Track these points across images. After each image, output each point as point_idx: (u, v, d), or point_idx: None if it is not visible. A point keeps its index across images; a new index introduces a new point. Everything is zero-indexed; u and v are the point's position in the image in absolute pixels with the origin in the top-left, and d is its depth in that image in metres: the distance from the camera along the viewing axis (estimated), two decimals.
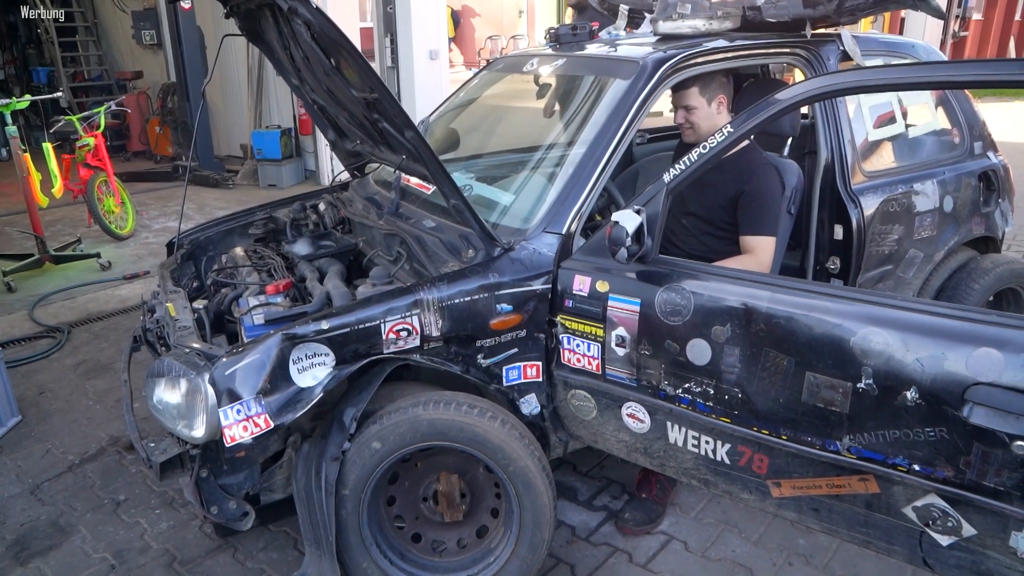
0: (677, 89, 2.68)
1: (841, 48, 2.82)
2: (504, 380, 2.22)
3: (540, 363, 2.25)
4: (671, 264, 2.05)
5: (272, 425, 1.90)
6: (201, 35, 8.59)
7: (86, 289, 5.17)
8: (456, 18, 17.75)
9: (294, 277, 2.58)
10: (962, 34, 15.25)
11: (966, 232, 3.13)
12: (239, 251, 2.94)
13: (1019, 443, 1.52)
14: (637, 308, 2.04)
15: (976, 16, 15.72)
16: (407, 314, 2.05)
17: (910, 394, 1.64)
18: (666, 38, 2.70)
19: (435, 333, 2.09)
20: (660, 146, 3.83)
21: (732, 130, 1.94)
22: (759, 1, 2.78)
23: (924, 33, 13.13)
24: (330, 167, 7.69)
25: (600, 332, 2.12)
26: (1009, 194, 3.33)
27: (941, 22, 13.94)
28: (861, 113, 2.86)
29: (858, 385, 1.71)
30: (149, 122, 10.12)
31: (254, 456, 2.05)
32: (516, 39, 13.41)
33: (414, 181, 2.76)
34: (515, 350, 2.21)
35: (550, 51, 2.96)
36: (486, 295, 2.12)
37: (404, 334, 2.06)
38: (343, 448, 2.01)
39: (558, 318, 2.20)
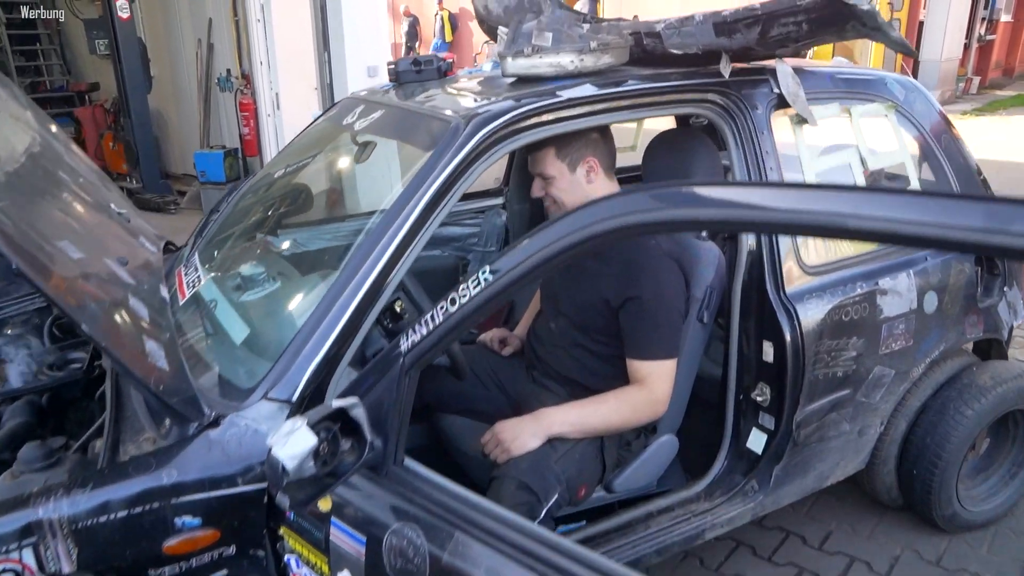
0: (531, 150, 1.91)
1: (776, 91, 2.01)
2: None
3: None
4: (418, 480, 1.26)
5: None
6: (143, 46, 7.89)
7: None
8: (454, 22, 17.04)
9: None
10: (988, 38, 14.15)
11: (957, 337, 2.30)
12: None
13: None
14: (362, 549, 1.25)
15: (1005, 18, 14.60)
16: (12, 547, 1.28)
17: None
18: (521, 81, 1.91)
19: (66, 569, 1.32)
20: None
21: (489, 279, 1.14)
22: (658, 26, 1.98)
23: (945, 37, 12.08)
24: None
25: (325, 568, 1.33)
26: (1020, 278, 2.48)
27: (965, 25, 12.89)
28: (802, 179, 2.05)
29: None
30: (103, 137, 9.47)
31: None
32: None
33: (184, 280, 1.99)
34: (222, 573, 1.43)
35: (388, 94, 2.17)
36: (156, 506, 1.34)
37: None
38: None
39: (281, 530, 1.42)
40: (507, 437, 1.75)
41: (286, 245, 2.10)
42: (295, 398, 1.43)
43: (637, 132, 3.04)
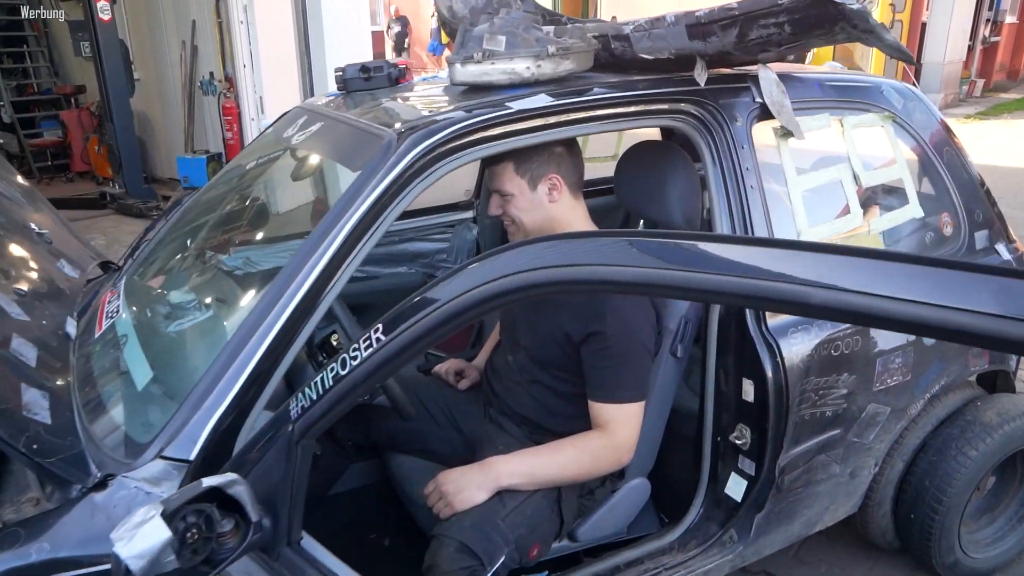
0: (489, 164, 1.72)
1: (758, 100, 1.82)
2: None
3: None
4: (313, 566, 1.06)
5: None
6: (125, 49, 7.71)
7: None
8: None
9: None
10: (993, 39, 13.93)
11: (960, 369, 2.10)
12: None
13: None
14: None
15: (1010, 19, 14.38)
16: None
17: None
18: (473, 89, 1.71)
19: None
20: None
21: (381, 339, 0.94)
22: (627, 28, 1.79)
23: (948, 39, 11.87)
24: None
25: None
26: None
27: (969, 27, 12.68)
28: (789, 198, 1.85)
29: None
30: (89, 141, 9.29)
31: None
32: None
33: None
34: None
35: (332, 103, 1.98)
36: None
37: None
38: None
39: None
40: (450, 490, 1.56)
41: (221, 268, 1.90)
42: (193, 456, 1.24)
43: (618, 141, 2.85)
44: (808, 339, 1.75)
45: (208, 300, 1.77)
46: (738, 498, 1.83)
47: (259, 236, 2.09)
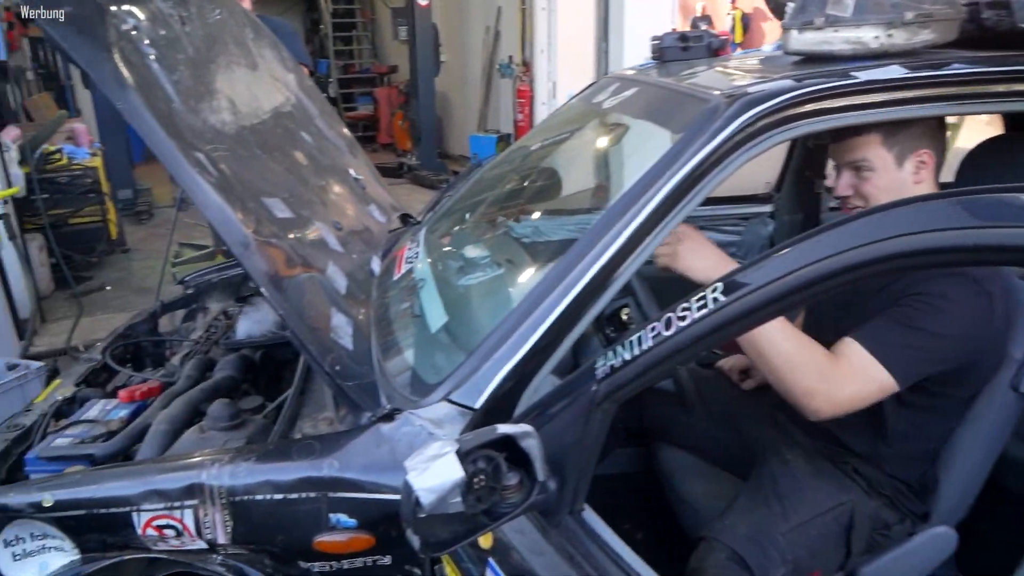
0: (839, 136, 1.51)
1: None
2: None
3: None
4: (594, 541, 0.98)
5: None
6: (436, 31, 8.33)
7: None
8: (746, 22, 16.18)
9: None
10: None
11: None
12: (214, 310, 2.29)
13: None
14: None
15: None
16: (175, 504, 1.23)
17: None
18: (809, 60, 1.54)
19: (221, 539, 1.24)
20: None
21: (720, 299, 0.82)
22: None
23: None
24: None
25: None
26: None
27: None
28: None
29: None
30: (394, 116, 10.23)
31: None
32: None
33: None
34: None
35: (649, 72, 1.91)
36: (312, 496, 1.22)
37: (170, 533, 1.24)
38: None
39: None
40: (685, 248, 1.41)
41: (518, 231, 1.92)
42: (479, 405, 1.23)
43: (951, 141, 2.48)
44: None
45: (500, 260, 1.79)
46: None
47: (552, 206, 2.08)
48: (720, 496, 1.68)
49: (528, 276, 1.58)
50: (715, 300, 0.82)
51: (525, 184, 2.09)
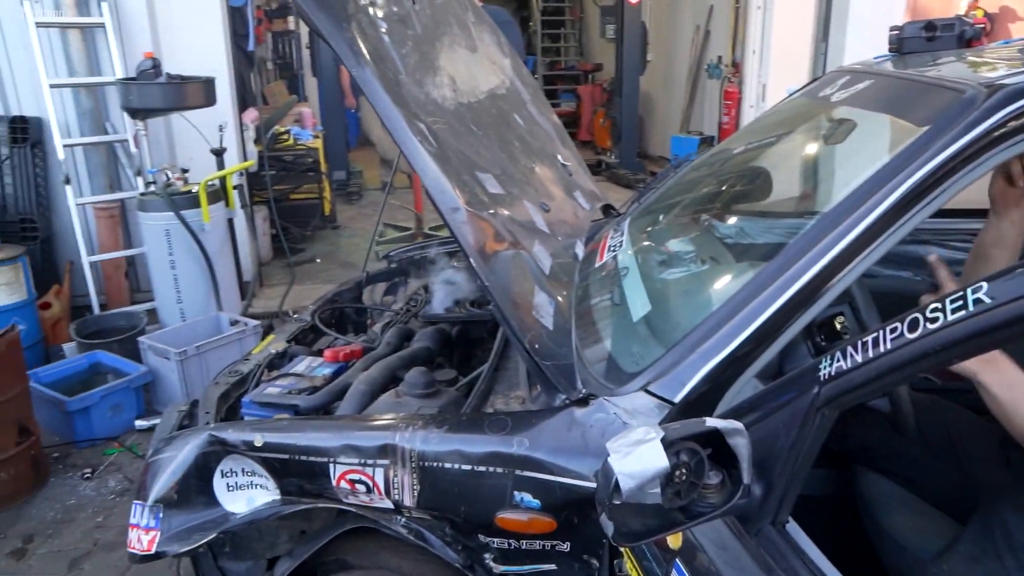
0: None
1: None
2: None
3: None
4: (798, 557, 0.89)
5: (153, 550, 1.34)
6: (644, 30, 8.23)
7: None
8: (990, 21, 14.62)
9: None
10: None
11: None
12: (414, 284, 2.38)
13: None
14: None
15: None
16: (368, 461, 1.27)
17: None
18: None
19: (407, 501, 1.27)
20: None
21: (983, 301, 0.70)
22: None
23: None
24: None
25: None
26: None
27: None
28: None
29: None
30: (596, 113, 10.25)
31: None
32: None
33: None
34: (550, 567, 1.26)
35: (884, 65, 1.74)
36: (498, 471, 1.21)
37: (361, 488, 1.28)
38: None
39: (624, 547, 1.18)
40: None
41: (727, 230, 1.82)
42: (678, 399, 1.17)
43: None
44: None
45: (705, 257, 1.70)
46: None
47: (785, 203, 1.95)
48: (930, 535, 1.50)
49: (742, 274, 1.49)
50: (977, 302, 0.71)
51: (742, 182, 1.98)
